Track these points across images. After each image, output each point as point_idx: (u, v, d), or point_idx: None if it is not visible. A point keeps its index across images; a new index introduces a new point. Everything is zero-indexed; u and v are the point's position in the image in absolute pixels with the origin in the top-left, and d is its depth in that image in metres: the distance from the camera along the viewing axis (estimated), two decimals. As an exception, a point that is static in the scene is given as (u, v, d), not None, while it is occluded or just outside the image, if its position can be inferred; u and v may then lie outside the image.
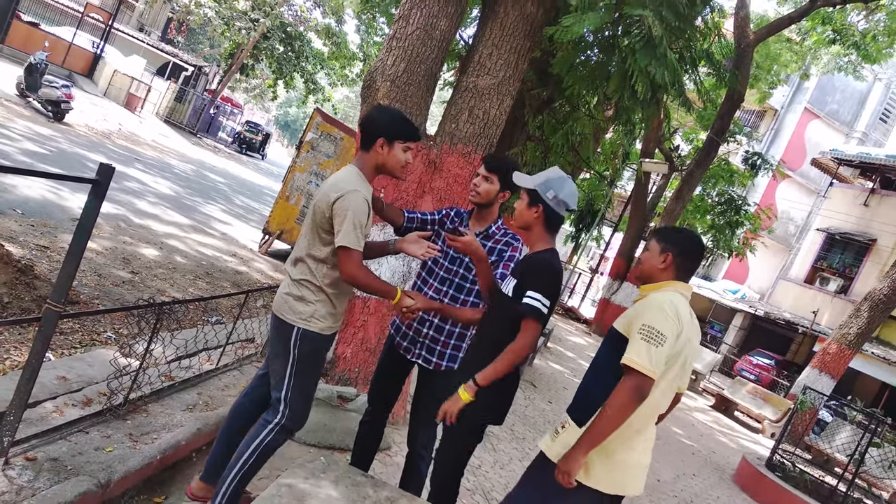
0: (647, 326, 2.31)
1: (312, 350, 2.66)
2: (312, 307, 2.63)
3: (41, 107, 14.07)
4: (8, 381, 3.19)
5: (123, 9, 25.09)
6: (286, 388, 2.63)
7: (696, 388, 15.51)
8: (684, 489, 6.62)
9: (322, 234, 2.59)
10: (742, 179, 19.90)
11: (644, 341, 2.28)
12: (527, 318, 2.53)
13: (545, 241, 2.70)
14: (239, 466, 2.59)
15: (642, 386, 2.26)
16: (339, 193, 2.54)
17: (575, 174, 10.83)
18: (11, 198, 6.89)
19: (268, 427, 2.63)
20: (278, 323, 2.65)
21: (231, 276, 7.81)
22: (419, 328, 3.10)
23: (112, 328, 4.83)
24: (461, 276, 3.09)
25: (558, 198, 2.64)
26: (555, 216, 2.68)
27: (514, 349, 2.54)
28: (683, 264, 2.54)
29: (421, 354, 3.11)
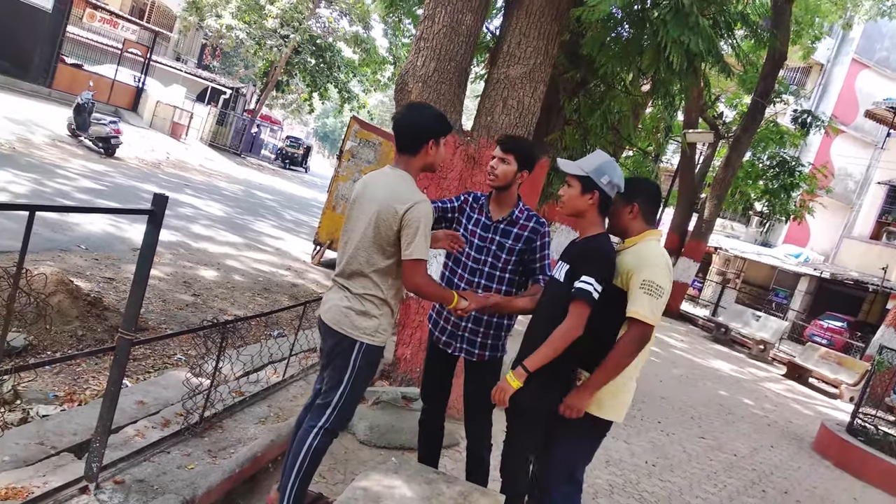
0: (649, 282, 2.61)
1: (372, 362, 2.69)
2: (377, 321, 2.64)
3: (92, 144, 14.64)
4: (90, 409, 3.35)
5: (159, 41, 25.86)
6: (339, 397, 2.66)
7: (766, 357, 15.09)
8: (763, 462, 6.46)
9: (386, 247, 2.58)
10: (793, 140, 19.21)
11: (647, 295, 2.59)
12: (576, 301, 2.55)
13: (598, 226, 2.72)
14: (295, 474, 2.63)
15: (646, 334, 2.63)
16: (408, 204, 2.51)
17: (617, 153, 10.65)
18: (75, 235, 7.20)
19: (313, 432, 2.64)
20: (339, 337, 2.64)
21: (288, 289, 7.98)
22: (457, 322, 3.10)
23: (181, 350, 5.01)
24: (490, 264, 3.08)
25: (612, 182, 2.67)
26: (608, 200, 2.71)
27: (561, 332, 2.56)
28: (649, 210, 2.82)
29: (462, 347, 3.11)
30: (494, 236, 3.09)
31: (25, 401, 3.56)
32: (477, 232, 3.13)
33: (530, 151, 3.09)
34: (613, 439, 5.68)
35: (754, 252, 24.43)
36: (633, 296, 2.62)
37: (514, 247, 3.06)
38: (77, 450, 2.95)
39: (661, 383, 8.79)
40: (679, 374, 9.89)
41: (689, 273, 17.70)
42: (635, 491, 4.64)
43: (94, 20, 21.39)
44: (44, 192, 8.82)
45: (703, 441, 6.56)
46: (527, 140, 3.21)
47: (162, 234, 9.38)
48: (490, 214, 3.11)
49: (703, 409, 8.01)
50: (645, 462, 5.35)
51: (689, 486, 5.09)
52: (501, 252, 3.06)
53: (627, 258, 2.71)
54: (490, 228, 3.10)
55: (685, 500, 4.76)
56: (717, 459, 6.07)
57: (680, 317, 18.38)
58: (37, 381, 3.81)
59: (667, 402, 7.77)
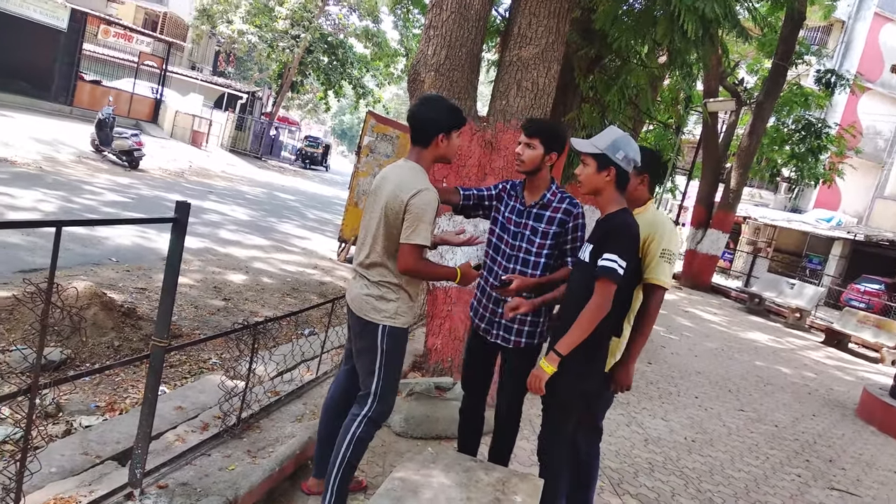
0: (668, 251, 2.87)
1: (398, 343, 2.76)
2: (395, 304, 2.72)
3: (116, 158, 14.88)
4: (131, 417, 3.41)
5: (174, 51, 26.14)
6: (376, 383, 2.74)
7: (803, 325, 14.82)
8: (805, 431, 6.36)
9: (396, 236, 2.64)
10: (818, 101, 18.73)
11: (667, 263, 2.85)
12: (600, 280, 2.54)
13: (617, 202, 2.70)
14: (339, 463, 2.71)
15: (663, 298, 2.90)
16: (412, 192, 2.59)
17: (637, 128, 10.50)
18: (106, 249, 7.33)
19: (356, 420, 2.73)
20: (363, 323, 2.73)
21: (316, 287, 8.04)
22: (495, 309, 3.10)
23: (216, 354, 5.09)
24: (525, 250, 3.05)
25: (628, 157, 2.66)
26: (625, 175, 2.69)
27: (589, 312, 2.56)
28: (656, 179, 3.08)
29: (499, 334, 3.10)
30: (528, 221, 3.07)
31: (68, 413, 3.65)
32: (512, 218, 3.12)
33: (556, 132, 3.04)
34: (651, 417, 5.63)
35: (784, 219, 23.98)
36: (653, 263, 2.85)
37: (549, 230, 3.02)
38: (121, 457, 3.01)
39: (696, 358, 8.69)
40: (714, 348, 9.77)
41: (718, 245, 17.43)
42: (676, 468, 4.60)
43: (108, 36, 21.72)
44: (72, 208, 8.99)
45: (742, 414, 6.47)
46: (550, 121, 3.20)
47: (189, 242, 9.46)
48: (524, 199, 3.09)
49: (741, 382, 7.90)
50: (684, 438, 5.30)
51: (731, 460, 5.03)
52: (535, 237, 3.03)
53: (642, 225, 2.81)
54: (524, 214, 3.08)
55: (728, 474, 4.71)
56: (757, 431, 5.99)
57: (712, 290, 18.14)
58: (78, 394, 3.90)
59: (703, 377, 7.68)
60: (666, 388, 6.73)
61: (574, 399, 2.75)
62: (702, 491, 4.29)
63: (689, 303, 14.65)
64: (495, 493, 2.38)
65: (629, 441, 4.92)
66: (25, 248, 6.40)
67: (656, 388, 6.62)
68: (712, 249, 17.39)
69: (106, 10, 22.79)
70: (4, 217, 7.55)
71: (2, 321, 4.45)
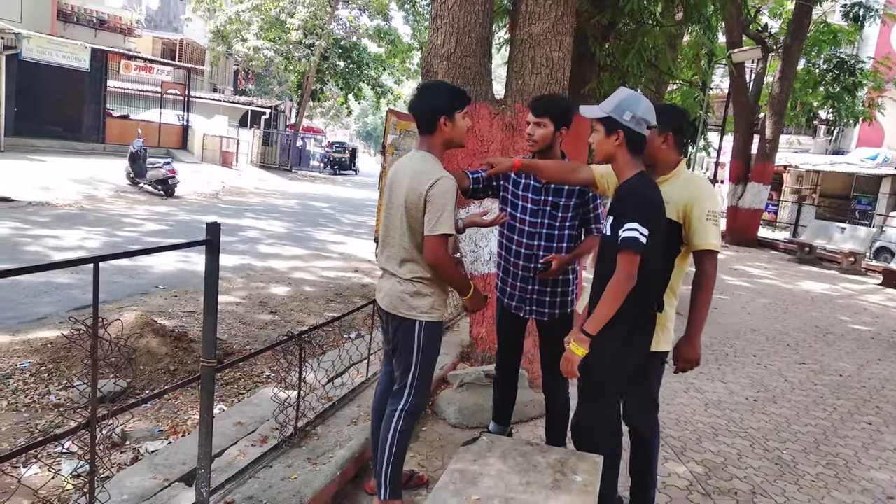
0: (713, 212, 2.69)
1: (434, 337, 2.78)
2: (430, 299, 2.72)
3: (152, 188, 15.25)
4: (193, 439, 3.49)
5: (194, 76, 26.63)
6: (413, 377, 2.76)
7: (858, 269, 14.33)
8: (871, 377, 6.16)
9: (420, 229, 2.63)
10: (848, 37, 18.03)
11: (715, 225, 2.68)
12: (622, 252, 2.39)
13: (632, 167, 2.53)
14: (386, 458, 2.76)
15: (717, 262, 2.73)
16: (429, 182, 2.57)
17: (660, 89, 10.28)
18: (152, 277, 7.52)
19: (395, 415, 2.76)
20: (399, 321, 2.74)
21: (358, 290, 8.11)
22: (524, 286, 3.18)
23: (268, 367, 5.18)
24: (548, 225, 3.11)
25: (636, 116, 2.47)
26: (637, 137, 2.51)
27: (613, 287, 2.41)
28: (681, 138, 2.83)
29: (533, 310, 3.20)
30: (547, 197, 3.12)
31: (133, 440, 3.76)
32: (529, 196, 3.16)
33: (564, 108, 3.08)
34: (709, 381, 5.53)
35: (827, 162, 23.18)
36: (700, 227, 2.66)
37: (570, 203, 3.10)
38: (188, 478, 3.08)
39: (749, 315, 8.50)
40: (767, 303, 9.53)
41: (760, 198, 16.98)
42: (739, 429, 4.51)
43: (130, 70, 22.22)
44: (116, 242, 9.25)
45: (804, 367, 6.30)
46: (557, 97, 3.22)
47: (230, 260, 9.62)
48: (538, 177, 3.11)
49: (799, 335, 7.69)
50: (745, 398, 5.19)
51: (797, 415, 4.91)
52: (557, 211, 3.10)
53: (679, 190, 2.70)
54: (541, 190, 3.13)
55: (794, 430, 4.59)
56: (821, 383, 5.83)
57: (759, 244, 17.69)
58: (141, 421, 4.01)
59: (759, 334, 7.50)
60: (721, 350, 6.59)
61: (608, 379, 2.62)
62: (769, 450, 4.20)
63: (737, 260, 14.32)
64: (554, 475, 2.36)
65: (689, 407, 4.84)
66: (76, 287, 6.60)
67: (711, 351, 6.49)
68: (755, 203, 16.95)
69: (124, 45, 23.36)
70: (52, 258, 7.81)
71: (61, 360, 4.61)
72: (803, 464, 4.03)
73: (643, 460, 3.05)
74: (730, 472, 3.81)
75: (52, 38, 18.74)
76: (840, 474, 3.94)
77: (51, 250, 8.22)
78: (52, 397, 4.16)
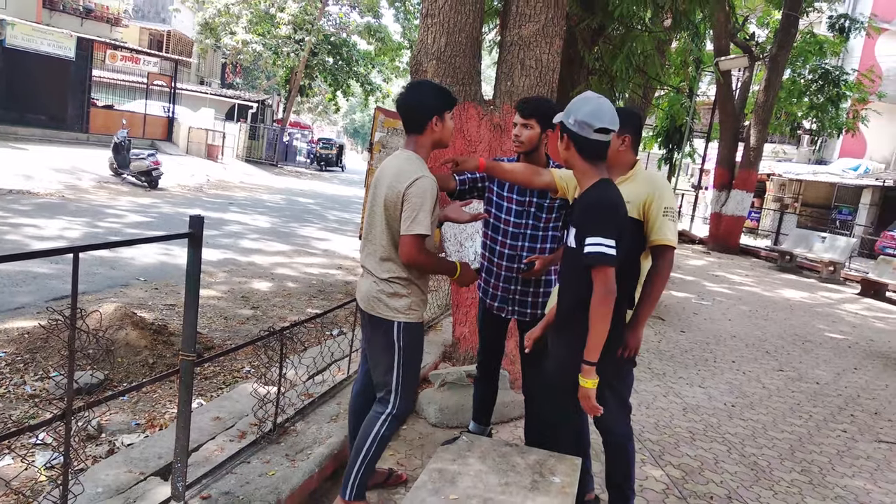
0: (670, 209, 2.72)
1: (415, 339, 2.74)
2: (407, 300, 2.68)
3: (136, 179, 15.09)
4: (171, 433, 3.45)
5: (181, 68, 26.39)
6: (396, 380, 2.71)
7: (837, 278, 14.53)
8: (848, 385, 6.24)
9: (398, 228, 2.60)
10: (833, 48, 18.25)
11: (671, 221, 2.71)
12: (595, 268, 2.31)
13: (591, 174, 2.43)
14: (360, 460, 2.71)
15: (673, 257, 2.75)
16: (408, 181, 2.54)
17: (648, 95, 10.35)
18: (133, 269, 7.44)
19: (380, 419, 2.72)
20: (376, 321, 2.71)
21: (341, 287, 8.08)
22: (506, 286, 3.21)
23: (248, 362, 5.14)
24: (531, 226, 3.15)
25: (578, 120, 2.37)
26: (587, 143, 2.39)
27: (597, 306, 2.32)
28: (637, 139, 2.86)
29: (515, 310, 3.24)
30: (532, 198, 3.15)
31: (109, 433, 3.72)
32: (514, 197, 3.18)
33: (551, 110, 3.08)
34: (688, 385, 5.57)
35: (810, 172, 23.45)
36: (658, 224, 2.70)
37: (553, 204, 3.14)
38: (163, 472, 3.05)
39: (730, 322, 8.57)
40: (747, 310, 9.63)
41: (743, 205, 17.14)
42: (717, 434, 4.55)
43: (116, 60, 21.96)
44: (97, 232, 9.15)
45: (781, 374, 6.37)
46: (543, 100, 3.24)
47: (213, 254, 9.56)
48: (502, 179, 3.16)
49: (778, 342, 7.78)
50: (724, 404, 5.23)
51: (773, 422, 4.96)
52: (541, 212, 3.14)
53: (637, 188, 2.73)
54: (526, 192, 3.16)
55: (771, 436, 4.64)
56: (799, 390, 5.89)
57: (741, 251, 17.86)
58: (118, 414, 3.97)
59: (738, 340, 7.57)
60: (701, 356, 6.65)
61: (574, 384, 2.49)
62: (745, 455, 4.24)
63: (719, 266, 14.44)
64: (533, 476, 2.37)
65: (668, 412, 4.87)
66: (55, 277, 6.52)
67: (691, 356, 6.54)
68: (738, 210, 17.11)
69: (111, 35, 23.08)
70: (31, 247, 7.70)
71: (38, 350, 4.54)
72: (778, 470, 4.08)
73: (621, 468, 2.99)
74: (706, 477, 3.84)
75: (38, 26, 18.49)
76: (814, 481, 3.99)
77: (30, 239, 8.11)
78: (27, 388, 4.10)
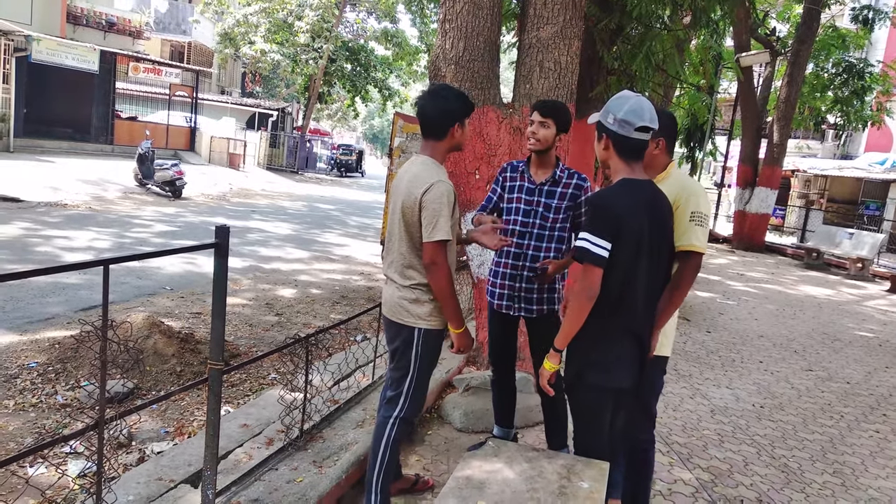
0: (698, 213, 2.63)
1: (433, 346, 2.77)
2: (429, 306, 2.69)
3: (160, 189, 15.31)
4: (199, 440, 3.50)
5: (202, 78, 26.72)
6: (408, 385, 2.74)
7: (866, 275, 14.26)
8: (880, 385, 6.12)
9: (417, 235, 2.61)
10: (856, 41, 17.94)
11: (699, 226, 2.63)
12: (583, 263, 2.31)
13: (622, 172, 2.42)
14: (378, 467, 2.73)
15: (700, 264, 2.66)
16: (424, 187, 2.54)
17: (668, 93, 10.25)
18: (159, 279, 7.55)
19: (389, 422, 2.75)
20: (397, 327, 2.74)
21: (364, 293, 8.12)
22: (511, 284, 3.26)
23: (273, 369, 5.19)
24: (538, 226, 3.21)
25: (618, 118, 2.35)
26: (625, 141, 2.38)
27: (573, 299, 2.34)
28: (672, 142, 2.84)
29: (521, 307, 3.28)
30: (540, 198, 3.22)
31: (139, 441, 3.77)
32: (522, 197, 3.26)
33: (567, 114, 3.22)
34: (716, 387, 5.51)
35: (835, 167, 23.08)
36: (684, 228, 2.62)
37: (561, 205, 3.20)
38: (193, 480, 3.09)
39: (756, 321, 8.46)
40: (774, 309, 9.49)
41: (768, 203, 16.91)
42: (746, 436, 4.49)
43: (138, 72, 22.30)
44: (125, 242, 9.29)
45: (811, 374, 6.27)
46: (562, 103, 3.29)
47: (237, 261, 9.62)
48: (532, 178, 3.25)
49: (806, 341, 7.66)
50: (752, 405, 5.16)
51: (803, 422, 4.88)
52: (549, 213, 3.20)
53: (667, 190, 2.62)
54: (534, 192, 3.24)
55: (801, 437, 4.57)
56: (829, 390, 5.80)
57: (766, 249, 17.61)
58: (147, 422, 4.03)
59: (766, 340, 7.47)
60: (728, 356, 6.57)
61: (591, 395, 2.50)
62: (776, 457, 4.18)
63: (744, 265, 14.26)
64: (560, 482, 2.36)
65: (695, 414, 4.82)
66: (85, 287, 6.63)
67: (718, 357, 6.47)
68: (762, 208, 16.88)
69: (133, 47, 23.46)
70: (62, 258, 7.85)
71: (68, 360, 4.63)
72: (810, 472, 4.01)
73: (640, 476, 2.96)
74: (736, 480, 3.80)
75: (62, 41, 18.85)
76: (847, 483, 3.92)
77: (61, 250, 8.27)
78: (58, 397, 4.18)
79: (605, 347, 2.44)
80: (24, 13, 18.68)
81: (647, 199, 2.42)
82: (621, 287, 2.36)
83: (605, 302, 2.34)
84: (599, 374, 2.45)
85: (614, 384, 2.48)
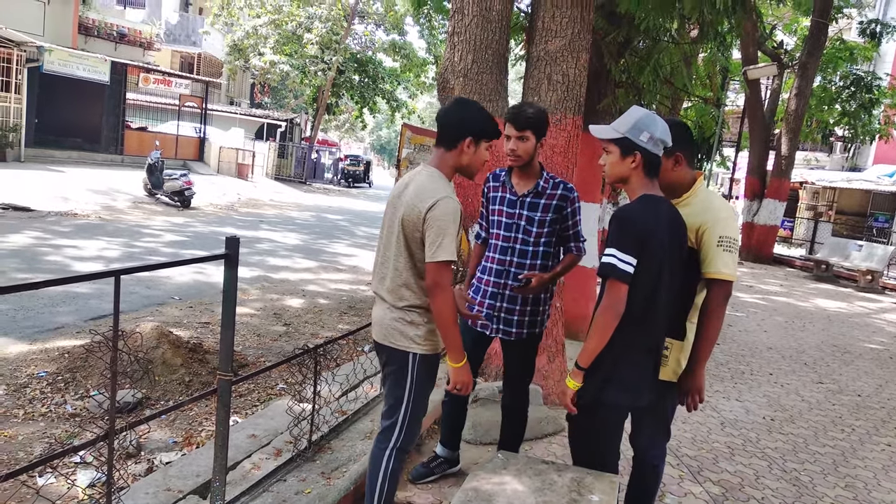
0: (727, 238, 2.49)
1: (430, 372, 2.59)
2: (425, 328, 2.51)
3: (169, 199, 15.41)
4: (208, 450, 3.50)
5: (211, 89, 26.93)
6: (403, 412, 2.55)
7: (875, 287, 14.17)
8: (891, 397, 6.07)
9: (417, 252, 2.43)
10: (864, 54, 17.96)
11: (727, 252, 2.49)
12: (608, 279, 2.29)
13: (644, 189, 2.39)
14: (376, 500, 2.56)
15: (731, 291, 2.55)
16: (430, 202, 2.35)
17: (675, 106, 10.28)
18: (168, 288, 7.58)
19: (386, 454, 2.56)
20: (389, 351, 2.54)
21: (371, 303, 8.11)
22: (492, 303, 3.11)
23: (282, 379, 5.19)
24: (521, 241, 3.05)
25: (654, 137, 2.33)
26: (654, 160, 2.38)
27: (598, 316, 2.31)
28: (691, 154, 2.67)
29: (500, 328, 3.13)
30: (522, 211, 3.04)
31: (148, 451, 3.78)
32: (504, 210, 3.09)
33: (543, 119, 2.99)
34: (725, 399, 5.48)
35: (843, 179, 22.99)
36: (712, 254, 2.49)
37: (545, 218, 3.02)
38: (202, 490, 3.09)
39: (765, 333, 8.42)
40: (784, 321, 9.44)
41: (776, 215, 16.87)
42: (756, 449, 4.46)
43: (148, 83, 22.50)
44: (134, 252, 9.34)
45: (821, 386, 6.23)
46: (533, 107, 3.03)
47: (246, 271, 9.64)
48: (514, 189, 3.06)
49: (816, 353, 7.61)
50: (762, 418, 5.13)
51: (814, 436, 4.85)
52: (532, 226, 3.02)
53: (693, 212, 2.53)
54: (516, 203, 3.05)
55: (812, 451, 4.53)
56: (840, 403, 5.75)
57: (775, 261, 17.54)
58: (156, 432, 4.03)
59: (775, 352, 7.43)
60: (737, 368, 6.53)
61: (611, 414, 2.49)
62: (787, 470, 4.14)
63: (753, 277, 14.20)
64: (570, 495, 2.35)
65: (705, 426, 4.79)
66: (95, 296, 6.67)
67: (727, 369, 6.43)
68: (770, 220, 16.83)
69: (143, 58, 23.70)
70: (72, 267, 7.90)
71: (78, 369, 4.65)
72: (822, 486, 3.98)
73: (648, 490, 2.91)
74: (747, 493, 3.77)
75: (74, 52, 19.05)
76: (859, 497, 3.88)
77: (71, 260, 8.31)
78: (68, 407, 4.19)
79: (627, 365, 2.40)
80: (37, 24, 18.92)
81: (667, 214, 2.40)
82: (644, 303, 2.33)
83: (629, 318, 2.30)
84: (620, 393, 2.40)
85: (634, 403, 2.46)
